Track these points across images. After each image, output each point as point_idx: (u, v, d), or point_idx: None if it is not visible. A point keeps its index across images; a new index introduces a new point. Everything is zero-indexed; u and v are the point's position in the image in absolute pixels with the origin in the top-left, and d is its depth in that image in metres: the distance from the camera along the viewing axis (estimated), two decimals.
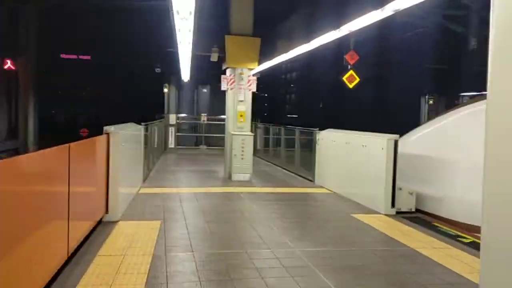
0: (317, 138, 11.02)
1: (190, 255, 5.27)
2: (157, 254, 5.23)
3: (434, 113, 23.87)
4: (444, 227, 7.04)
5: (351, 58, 11.97)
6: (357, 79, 12.26)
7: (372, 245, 5.95)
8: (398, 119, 20.42)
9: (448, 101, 21.75)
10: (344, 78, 12.37)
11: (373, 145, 8.16)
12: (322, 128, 11.16)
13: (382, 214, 7.77)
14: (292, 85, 43.77)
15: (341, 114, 24.62)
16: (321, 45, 10.46)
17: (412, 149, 8.56)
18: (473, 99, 7.75)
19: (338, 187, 9.64)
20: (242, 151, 11.38)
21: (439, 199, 7.91)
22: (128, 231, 6.19)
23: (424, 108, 22.39)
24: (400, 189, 7.86)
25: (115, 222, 6.60)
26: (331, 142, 10.13)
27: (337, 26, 8.60)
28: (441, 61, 18.15)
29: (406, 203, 7.95)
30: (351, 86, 12.50)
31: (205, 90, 24.63)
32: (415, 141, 8.54)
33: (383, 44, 12.57)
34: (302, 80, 34.25)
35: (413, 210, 7.98)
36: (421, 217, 7.72)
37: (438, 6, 11.49)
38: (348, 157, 9.12)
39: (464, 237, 6.50)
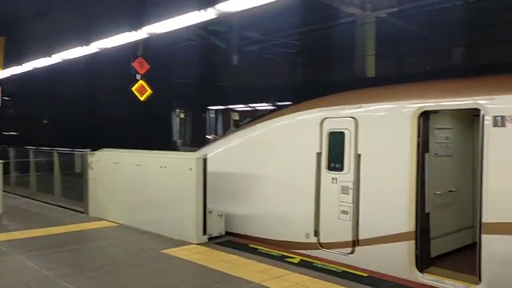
0: (89, 160, 9.16)
1: None
2: None
3: (184, 126, 24.26)
4: (263, 248, 6.61)
5: (140, 66, 10.50)
6: (149, 91, 10.84)
7: None
8: (150, 133, 19.71)
9: (198, 114, 22.43)
10: (134, 89, 10.76)
11: (177, 166, 7.11)
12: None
13: (194, 244, 6.80)
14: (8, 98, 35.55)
15: (84, 130, 22.02)
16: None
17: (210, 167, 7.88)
18: (271, 114, 7.60)
19: (127, 218, 8.13)
20: None
21: (247, 218, 7.47)
22: None
23: (176, 121, 22.41)
24: (210, 212, 7.07)
25: None
26: (113, 164, 8.52)
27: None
28: (198, 75, 18.44)
29: (216, 227, 7.21)
30: (142, 98, 10.99)
31: None
32: (214, 159, 7.87)
33: (148, 55, 11.68)
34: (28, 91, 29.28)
35: (223, 233, 7.32)
36: (233, 240, 7.11)
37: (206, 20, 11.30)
38: (142, 181, 7.77)
39: (291, 257, 6.18)
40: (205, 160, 6.90)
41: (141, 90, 11.08)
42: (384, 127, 5.77)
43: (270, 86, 18.37)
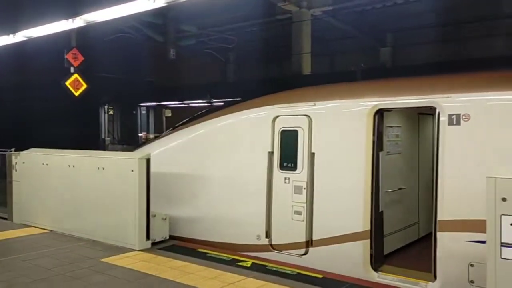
0: (13, 161, 8.29)
1: None
2: None
3: (113, 123, 23.05)
4: (212, 252, 6.30)
5: (74, 58, 9.50)
6: (84, 85, 9.87)
7: None
8: (76, 131, 18.48)
9: (129, 111, 21.42)
10: (68, 84, 9.73)
11: (117, 167, 6.58)
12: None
13: (137, 250, 6.34)
14: None
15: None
16: None
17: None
18: (218, 111, 7.26)
19: (58, 224, 7.44)
20: None
21: (193, 221, 7.09)
22: None
23: (104, 118, 21.20)
24: (154, 216, 6.63)
25: None
26: (42, 166, 7.75)
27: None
28: (129, 69, 17.45)
29: (160, 232, 6.78)
30: (77, 94, 9.98)
31: None
32: (154, 159, 7.39)
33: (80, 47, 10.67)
34: None
35: (167, 238, 6.90)
36: (178, 245, 6.73)
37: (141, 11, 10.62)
38: (75, 183, 7.13)
39: (242, 260, 5.93)
40: (148, 161, 6.45)
41: (76, 85, 10.16)
42: (339, 126, 5.67)
43: (205, 82, 17.92)
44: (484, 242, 4.53)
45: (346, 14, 17.16)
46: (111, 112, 21.15)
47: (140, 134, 21.18)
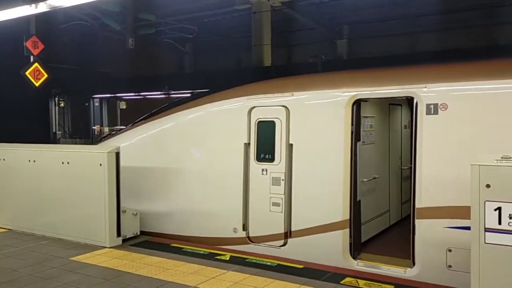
0: None
1: None
2: None
3: (63, 116, 21.99)
4: (188, 247, 6.15)
5: (33, 46, 8.83)
6: (46, 75, 9.20)
7: None
8: (24, 124, 17.51)
9: (81, 103, 20.55)
10: (27, 73, 9.03)
11: (83, 161, 6.27)
12: None
13: (107, 247, 6.09)
14: None
15: None
16: None
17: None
18: (190, 102, 7.06)
19: (19, 222, 7.01)
20: None
21: (164, 215, 6.90)
22: None
23: (55, 111, 20.20)
24: (125, 211, 6.38)
25: None
26: None
27: None
28: (83, 59, 16.64)
29: (131, 228, 6.55)
30: (37, 84, 9.28)
31: None
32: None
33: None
34: None
35: (138, 233, 6.68)
36: (150, 240, 6.52)
37: None
38: (37, 179, 6.73)
39: (220, 254, 5.83)
40: (118, 154, 6.18)
41: (37, 74, 9.51)
42: (318, 116, 5.66)
43: (163, 73, 17.47)
44: (462, 228, 4.71)
45: (304, 6, 17.27)
46: (62, 105, 20.18)
47: (93, 127, 20.40)
